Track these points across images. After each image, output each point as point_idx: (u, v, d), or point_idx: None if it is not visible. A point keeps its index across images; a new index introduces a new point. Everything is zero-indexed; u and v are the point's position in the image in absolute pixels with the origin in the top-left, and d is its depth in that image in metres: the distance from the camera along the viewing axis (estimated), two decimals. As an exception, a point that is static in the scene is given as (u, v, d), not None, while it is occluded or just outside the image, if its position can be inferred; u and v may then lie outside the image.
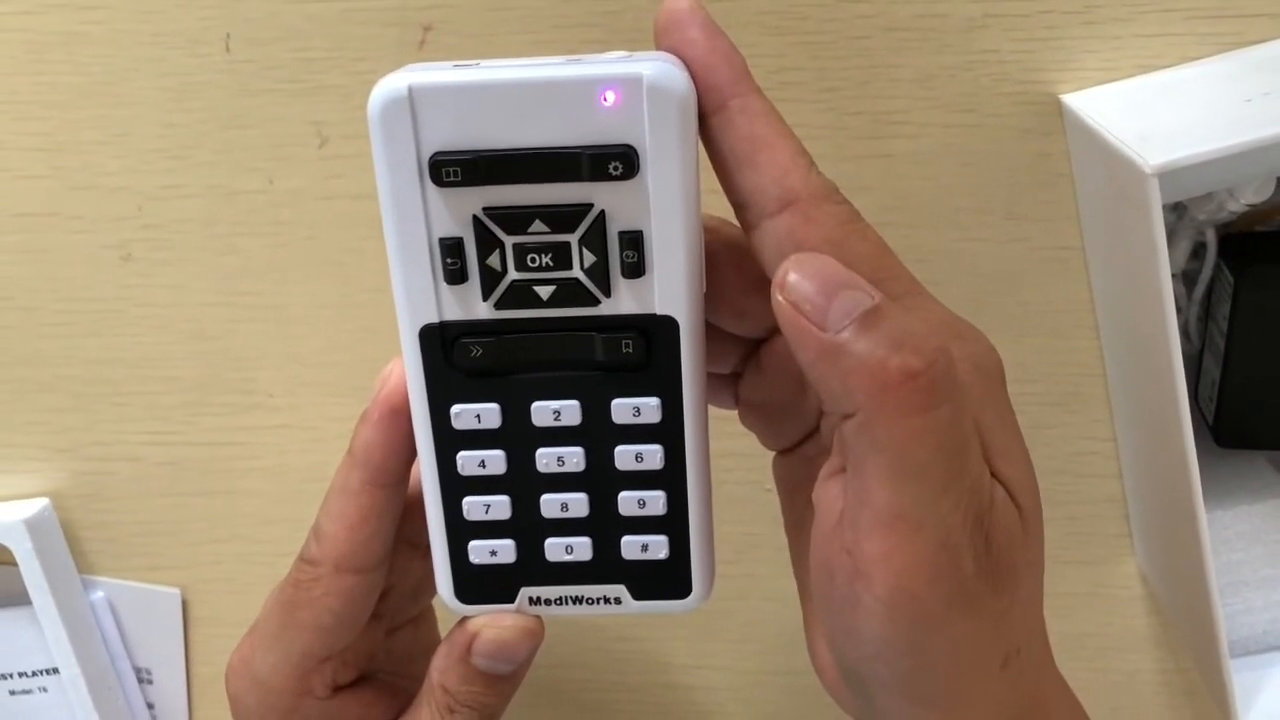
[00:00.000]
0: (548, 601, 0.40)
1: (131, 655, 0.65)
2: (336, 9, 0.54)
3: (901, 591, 0.33)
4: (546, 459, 0.37)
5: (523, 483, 0.38)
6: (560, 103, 0.33)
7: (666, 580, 0.39)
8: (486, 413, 0.37)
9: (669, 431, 0.37)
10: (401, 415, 0.38)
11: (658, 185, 0.34)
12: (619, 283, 0.35)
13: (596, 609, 0.40)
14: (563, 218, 0.34)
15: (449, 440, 0.37)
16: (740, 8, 0.52)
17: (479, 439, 0.37)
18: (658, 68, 0.33)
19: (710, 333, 0.37)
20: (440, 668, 0.41)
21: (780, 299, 0.33)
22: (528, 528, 0.38)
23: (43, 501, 0.62)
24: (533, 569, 0.39)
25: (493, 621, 0.40)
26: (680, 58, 0.34)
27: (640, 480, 0.37)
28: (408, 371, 0.37)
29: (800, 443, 0.40)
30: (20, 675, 0.64)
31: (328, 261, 0.58)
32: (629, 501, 0.38)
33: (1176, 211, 0.53)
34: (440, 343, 0.36)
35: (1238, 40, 0.50)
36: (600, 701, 0.64)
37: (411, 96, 0.33)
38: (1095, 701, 0.61)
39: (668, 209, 0.34)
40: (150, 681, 0.66)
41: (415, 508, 0.40)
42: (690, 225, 0.34)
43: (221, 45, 0.55)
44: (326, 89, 0.55)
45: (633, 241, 0.34)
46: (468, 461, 0.37)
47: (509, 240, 0.34)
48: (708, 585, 0.39)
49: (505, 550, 0.39)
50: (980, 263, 0.55)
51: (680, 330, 0.35)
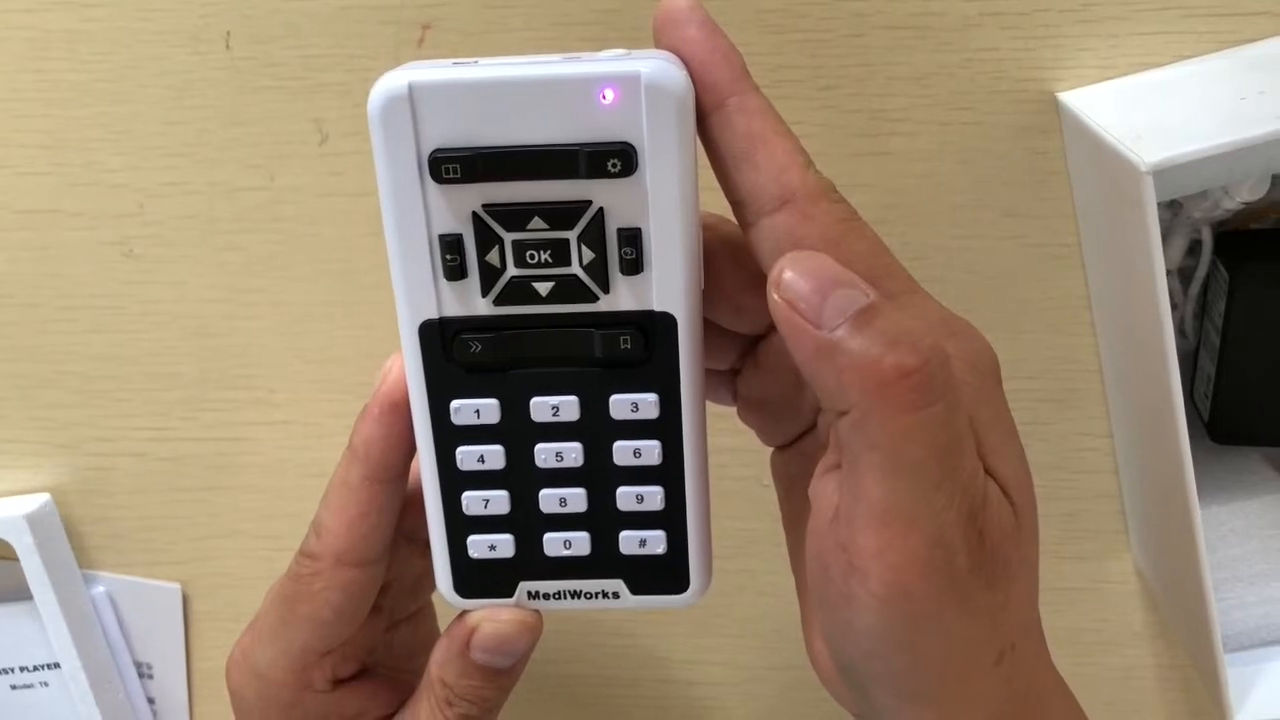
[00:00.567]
0: (546, 596, 0.40)
1: (132, 650, 0.65)
2: (336, 7, 0.54)
3: (895, 587, 0.33)
4: (545, 454, 0.37)
5: (521, 478, 0.38)
6: (559, 100, 0.33)
7: (664, 575, 0.39)
8: (486, 408, 0.37)
9: (667, 427, 0.37)
10: (401, 410, 0.38)
11: (656, 183, 0.34)
12: (617, 279, 0.35)
13: (595, 604, 0.40)
14: (561, 215, 0.34)
15: (448, 435, 0.37)
16: (739, 6, 0.52)
17: (478, 434, 0.37)
18: (656, 66, 0.33)
19: (708, 329, 0.38)
20: (439, 661, 0.41)
21: (775, 297, 0.33)
22: (526, 522, 0.39)
23: (44, 497, 0.62)
24: (531, 564, 0.39)
25: (491, 616, 0.40)
26: (678, 56, 0.34)
27: (638, 475, 0.38)
28: (407, 367, 0.37)
29: (798, 439, 0.40)
30: (21, 670, 0.65)
31: (328, 258, 0.58)
32: (627, 497, 0.38)
33: (1172, 209, 0.54)
34: (440, 338, 0.36)
35: (1234, 38, 0.51)
36: (598, 696, 0.64)
37: (411, 94, 0.33)
38: (1091, 696, 0.61)
39: (666, 206, 0.34)
40: (151, 676, 0.66)
41: (415, 502, 0.40)
42: (688, 223, 0.34)
43: (222, 43, 0.55)
44: (327, 86, 0.55)
45: (631, 238, 0.34)
46: (467, 456, 0.38)
47: (508, 237, 0.35)
48: (705, 580, 0.39)
49: (504, 545, 0.39)
50: (977, 260, 0.55)
51: (678, 327, 0.36)
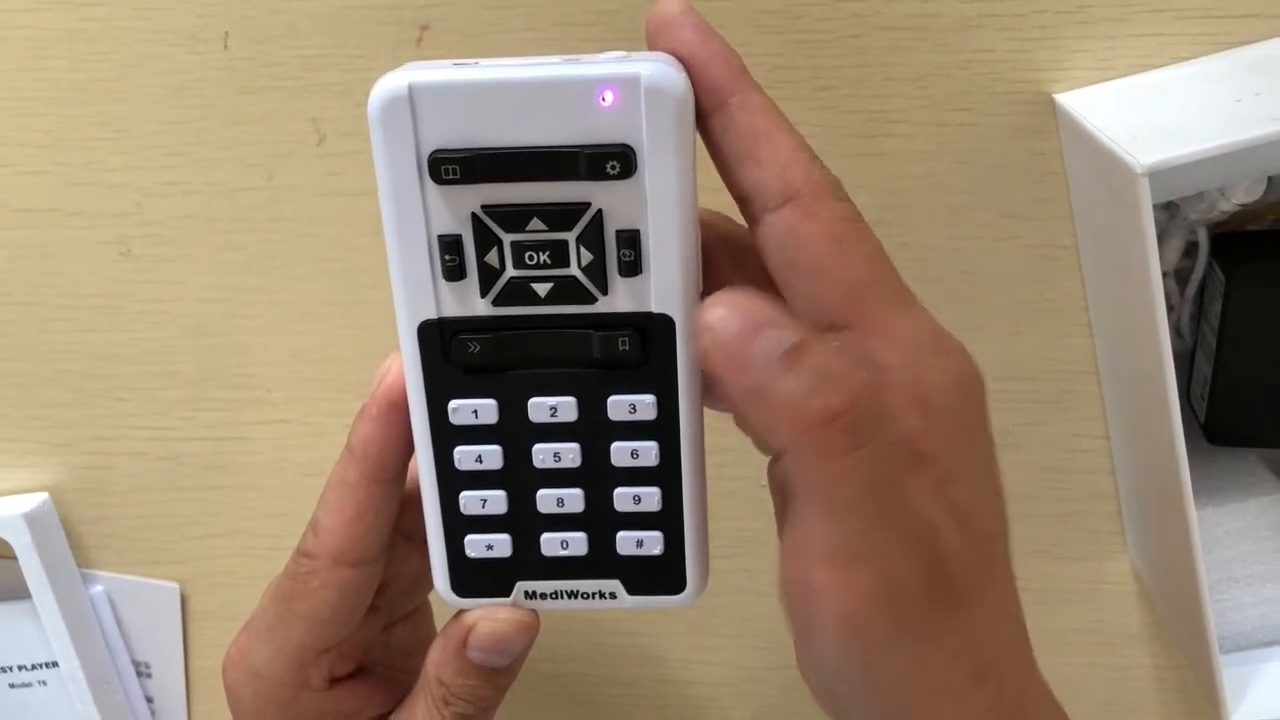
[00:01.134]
0: (543, 596, 0.40)
1: (131, 649, 0.65)
2: (335, 7, 0.54)
3: (849, 621, 0.33)
4: (543, 455, 0.37)
5: (519, 478, 0.38)
6: (558, 102, 0.33)
7: (661, 576, 0.39)
8: (484, 408, 0.37)
9: (664, 428, 0.37)
10: (400, 410, 0.38)
11: (655, 185, 0.34)
12: (616, 281, 0.35)
13: (592, 604, 0.40)
14: (560, 216, 0.34)
15: (446, 435, 0.38)
16: (736, 6, 0.52)
17: (476, 434, 0.37)
18: (655, 68, 0.33)
19: None
20: (436, 661, 0.41)
21: (703, 340, 0.33)
22: (524, 523, 0.39)
23: (42, 496, 0.62)
24: (528, 563, 0.39)
25: (488, 615, 0.40)
26: (676, 59, 0.34)
27: (636, 476, 0.38)
28: (406, 367, 0.37)
29: None
30: (20, 669, 0.65)
31: (326, 258, 0.58)
32: (624, 497, 0.38)
33: (1169, 210, 0.54)
34: (438, 339, 0.36)
35: (1230, 40, 0.51)
36: (596, 696, 0.64)
37: (411, 95, 0.33)
38: (1088, 697, 0.62)
39: (665, 208, 0.34)
40: (149, 675, 0.66)
41: (413, 502, 0.40)
42: (687, 225, 0.35)
43: (220, 42, 0.55)
44: (325, 86, 0.56)
45: (630, 240, 0.34)
46: (465, 456, 0.38)
47: (507, 238, 0.35)
48: (702, 581, 0.39)
49: (501, 545, 0.39)
50: (974, 261, 0.55)
51: (676, 329, 0.36)
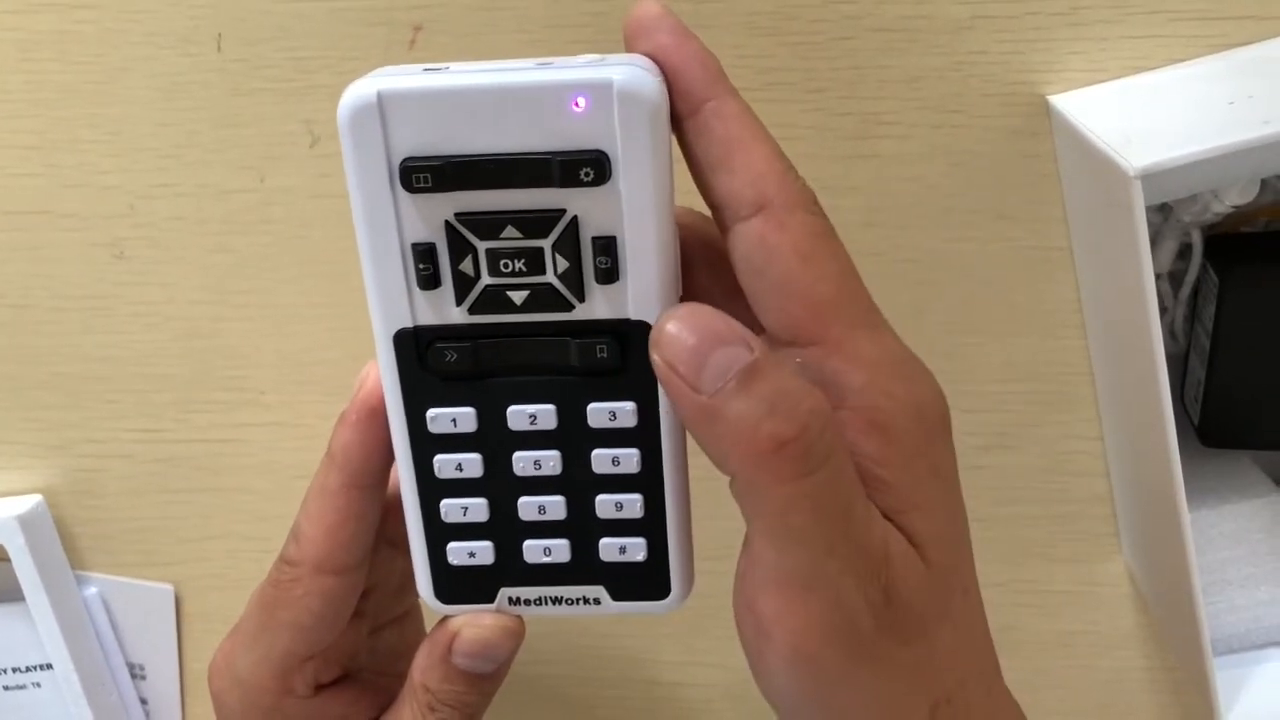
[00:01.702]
0: (527, 602, 0.40)
1: (125, 651, 0.66)
2: (327, 9, 0.54)
3: (799, 651, 0.33)
4: (523, 462, 0.37)
5: (500, 486, 0.38)
6: (531, 108, 0.33)
7: (645, 581, 0.39)
8: (462, 417, 0.37)
9: (645, 435, 0.37)
10: (379, 417, 0.38)
11: (630, 191, 0.33)
12: (593, 288, 0.35)
13: (576, 609, 0.40)
14: (535, 223, 0.34)
15: (425, 444, 0.37)
16: (729, 8, 0.52)
17: (455, 443, 0.37)
18: (629, 73, 0.33)
19: None
20: (421, 667, 0.41)
21: (655, 357, 0.33)
22: (506, 530, 0.38)
23: (36, 498, 0.62)
24: (512, 570, 0.39)
25: (473, 621, 0.40)
26: (652, 61, 0.34)
27: (617, 483, 0.37)
28: (383, 376, 0.37)
29: None
30: (14, 671, 0.65)
31: (319, 260, 0.58)
32: (606, 504, 0.38)
33: (1162, 213, 0.53)
34: (415, 347, 0.36)
35: (1224, 42, 0.50)
36: (586, 699, 0.64)
37: (380, 102, 0.33)
38: (1083, 699, 0.61)
39: (640, 214, 0.34)
40: (143, 677, 0.66)
41: (396, 507, 0.40)
42: (664, 230, 0.34)
43: (213, 45, 0.55)
44: (317, 88, 0.55)
45: (605, 247, 0.34)
46: (445, 465, 0.38)
47: (482, 246, 0.34)
48: (686, 586, 0.39)
49: (484, 552, 0.39)
50: (968, 263, 0.55)
51: None
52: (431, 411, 0.37)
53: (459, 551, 0.39)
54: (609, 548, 0.38)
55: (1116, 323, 0.50)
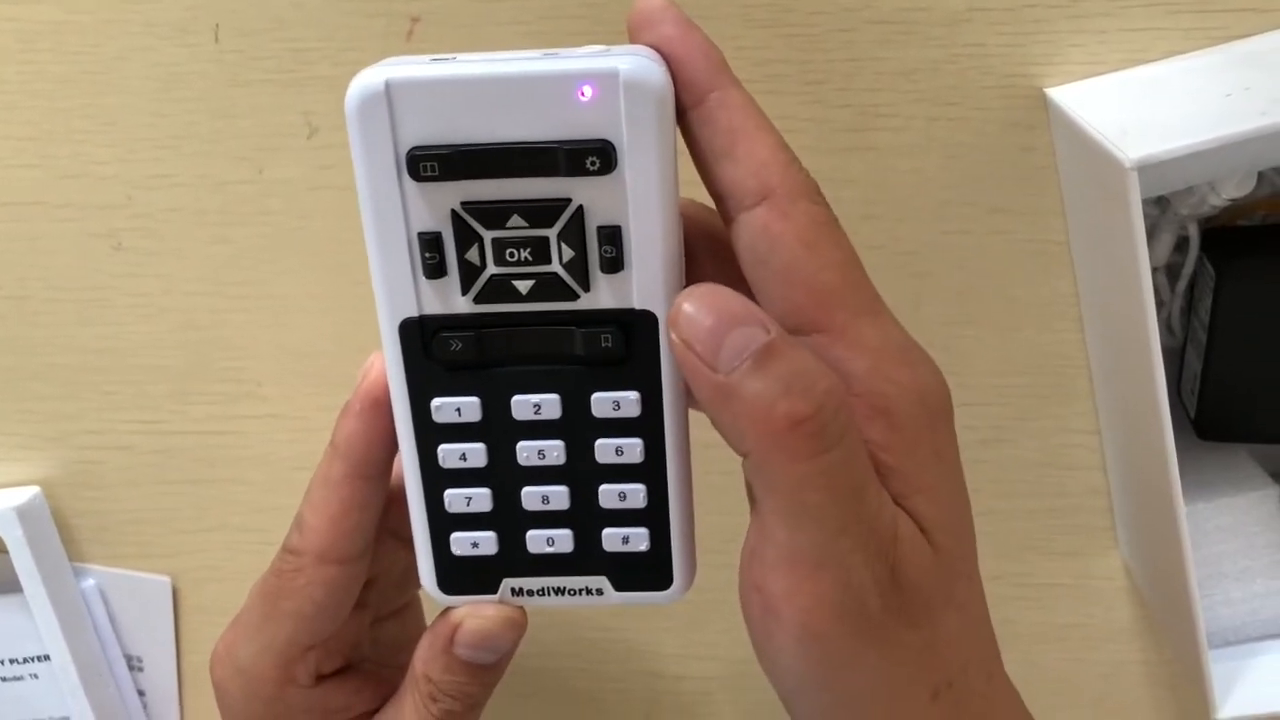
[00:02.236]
0: (530, 592, 0.40)
1: (122, 643, 0.65)
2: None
3: (808, 630, 0.33)
4: (527, 452, 0.37)
5: (504, 475, 0.38)
6: (537, 98, 0.33)
7: (648, 572, 0.39)
8: (467, 406, 0.37)
9: (649, 425, 0.37)
10: (383, 407, 0.38)
11: (635, 180, 0.34)
12: (598, 277, 0.35)
13: (578, 600, 0.40)
14: (541, 212, 0.34)
15: (430, 433, 0.37)
16: (727, 0, 0.52)
17: (459, 432, 0.37)
18: (634, 63, 0.33)
19: None
20: (424, 657, 0.41)
21: (673, 336, 0.33)
22: (509, 520, 0.39)
23: (33, 489, 0.62)
24: (515, 560, 0.39)
25: (475, 612, 0.40)
26: (657, 53, 0.34)
27: (620, 473, 0.38)
28: (388, 365, 0.37)
29: None
30: (11, 662, 0.65)
31: (317, 251, 0.58)
32: (609, 494, 0.38)
33: (1159, 205, 0.54)
34: (420, 336, 0.36)
35: (1222, 35, 0.51)
36: (588, 691, 0.64)
37: (389, 91, 0.33)
38: (1079, 692, 0.62)
39: (645, 204, 0.34)
40: (141, 669, 0.66)
41: (399, 498, 0.40)
42: (668, 220, 0.34)
43: (210, 35, 0.55)
44: (315, 79, 0.55)
45: (611, 236, 0.34)
46: (449, 454, 0.38)
47: (488, 235, 0.35)
48: (689, 577, 0.39)
49: (487, 542, 0.39)
50: (965, 256, 0.55)
51: (659, 325, 0.35)
52: (436, 401, 0.37)
53: (462, 542, 0.39)
54: (612, 538, 0.38)
55: (1113, 316, 0.51)
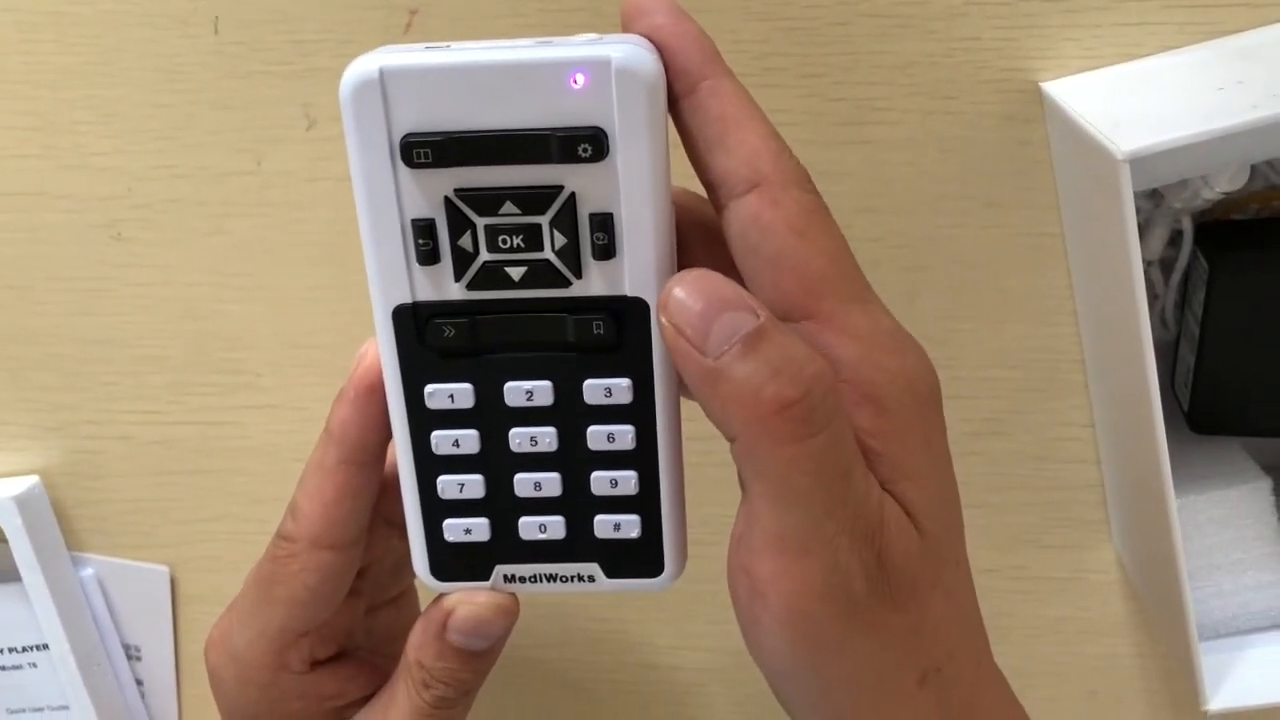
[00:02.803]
0: (522, 579, 0.40)
1: (121, 632, 0.66)
2: (324, -9, 0.54)
3: (795, 612, 0.33)
4: (520, 439, 0.38)
5: (496, 462, 0.38)
6: (530, 85, 0.33)
7: (639, 559, 0.39)
8: (460, 393, 0.37)
9: (640, 412, 0.37)
10: (377, 394, 0.38)
11: (627, 168, 0.34)
12: (590, 264, 0.35)
13: (570, 586, 0.40)
14: (533, 200, 0.34)
15: (423, 420, 0.38)
16: (725, -7, 0.52)
17: (452, 419, 0.37)
18: (627, 51, 0.33)
19: None
20: (416, 644, 0.41)
21: (663, 320, 0.33)
22: (501, 506, 0.39)
23: (33, 479, 0.63)
24: (507, 547, 0.39)
25: (468, 598, 0.40)
26: (649, 42, 0.34)
27: (612, 460, 0.38)
28: (381, 352, 0.37)
29: None
30: (10, 650, 0.65)
31: (316, 243, 0.58)
32: (601, 481, 0.38)
33: (1153, 199, 0.54)
34: (413, 323, 0.36)
35: (1216, 29, 0.51)
36: (581, 681, 0.65)
37: (383, 79, 0.33)
38: (1073, 684, 0.62)
39: (637, 191, 0.34)
40: (139, 658, 0.66)
41: (394, 486, 0.40)
42: (660, 207, 0.35)
43: (210, 27, 0.55)
44: (315, 71, 0.56)
45: (603, 224, 0.34)
46: (442, 441, 0.38)
47: (480, 222, 0.35)
48: (680, 564, 0.40)
49: (479, 528, 0.39)
50: (961, 249, 0.55)
51: (651, 312, 0.36)
52: (429, 387, 0.37)
53: (455, 528, 0.39)
54: (604, 525, 0.39)
55: (1106, 309, 0.51)
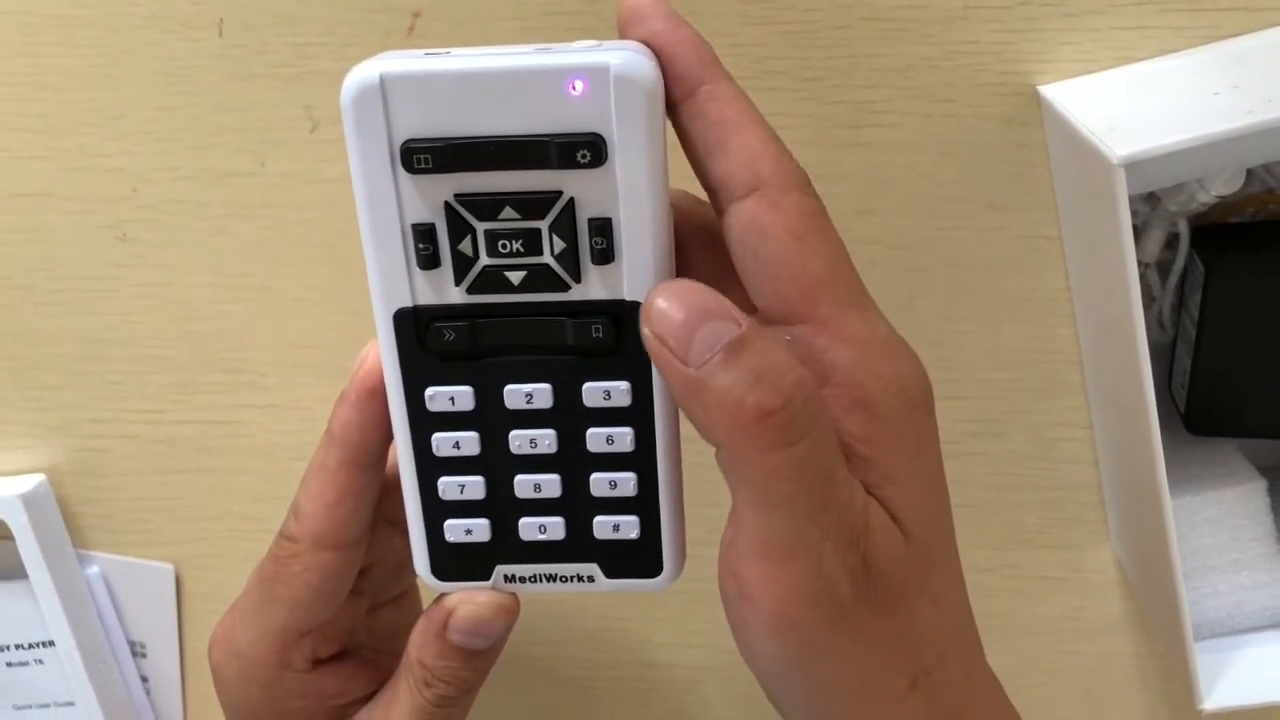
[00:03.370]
0: (522, 579, 0.40)
1: (126, 629, 0.66)
2: (327, -6, 0.55)
3: (781, 617, 0.33)
4: (519, 441, 0.38)
5: (496, 464, 0.38)
6: (529, 92, 0.33)
7: (638, 559, 0.40)
8: (460, 395, 0.37)
9: (639, 414, 0.38)
10: (378, 396, 0.39)
11: (626, 173, 0.34)
12: (589, 269, 0.36)
13: (570, 587, 0.40)
14: (533, 205, 0.35)
15: (424, 422, 0.38)
16: (724, -3, 0.53)
17: (453, 421, 0.38)
18: (625, 57, 0.33)
19: None
20: (417, 643, 0.42)
21: (646, 331, 0.34)
22: (502, 507, 0.39)
23: (39, 477, 0.63)
24: (507, 547, 0.40)
25: (468, 598, 0.41)
26: (647, 48, 0.35)
27: (611, 462, 0.38)
28: (383, 355, 0.37)
29: None
30: (16, 647, 0.65)
31: (318, 244, 0.59)
32: (600, 482, 0.38)
33: (1149, 202, 0.54)
34: (414, 327, 0.37)
35: (1213, 34, 0.51)
36: (580, 680, 0.65)
37: (383, 85, 0.33)
38: (1069, 684, 0.62)
39: (636, 196, 0.34)
40: (144, 655, 0.66)
41: (395, 487, 0.41)
42: (659, 212, 0.35)
43: (214, 29, 0.56)
44: (318, 74, 0.56)
45: (601, 228, 0.35)
46: (442, 443, 0.38)
47: (480, 226, 0.35)
48: (678, 564, 0.40)
49: (480, 529, 0.39)
50: (959, 251, 0.56)
51: None
52: (430, 390, 0.37)
53: (456, 529, 0.39)
54: (603, 525, 0.39)
55: (1103, 311, 0.51)
